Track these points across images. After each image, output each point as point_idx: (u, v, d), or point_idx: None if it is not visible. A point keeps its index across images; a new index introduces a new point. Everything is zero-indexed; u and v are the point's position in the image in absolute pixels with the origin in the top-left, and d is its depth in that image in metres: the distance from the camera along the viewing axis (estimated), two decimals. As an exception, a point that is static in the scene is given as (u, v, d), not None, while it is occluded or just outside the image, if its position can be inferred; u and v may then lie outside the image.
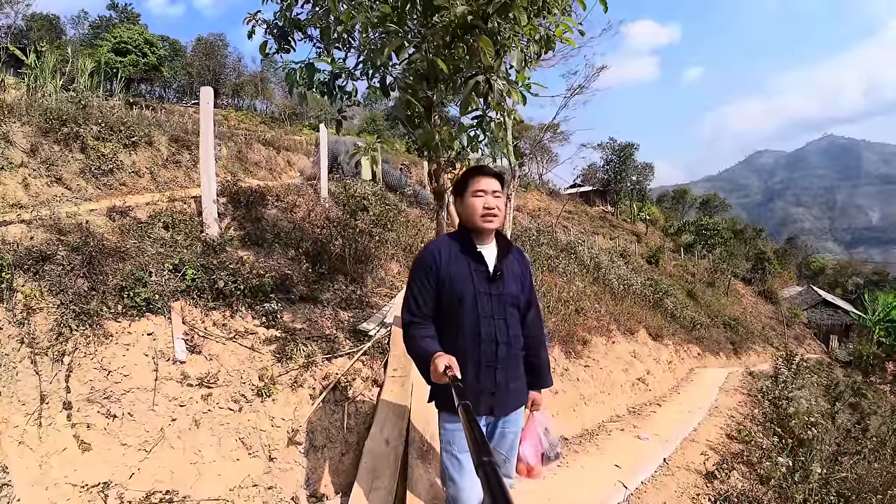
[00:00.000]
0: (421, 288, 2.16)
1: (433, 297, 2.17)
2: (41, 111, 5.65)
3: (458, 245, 2.21)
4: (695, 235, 38.22)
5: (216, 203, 4.83)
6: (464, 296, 2.14)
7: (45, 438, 2.68)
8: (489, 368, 2.16)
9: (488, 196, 2.16)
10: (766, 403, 7.65)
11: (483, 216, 2.16)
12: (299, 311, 4.31)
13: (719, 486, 4.50)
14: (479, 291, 2.16)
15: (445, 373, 1.79)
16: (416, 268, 2.21)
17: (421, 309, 2.16)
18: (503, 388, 2.20)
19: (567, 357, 6.36)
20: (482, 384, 2.16)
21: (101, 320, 3.17)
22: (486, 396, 2.17)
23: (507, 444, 2.32)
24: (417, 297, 2.16)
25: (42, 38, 28.84)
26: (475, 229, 2.21)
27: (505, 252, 2.27)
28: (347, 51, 3.57)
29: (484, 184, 2.17)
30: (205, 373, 3.25)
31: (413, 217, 9.01)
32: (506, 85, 2.68)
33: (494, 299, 2.17)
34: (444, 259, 2.16)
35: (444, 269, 2.15)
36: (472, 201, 2.17)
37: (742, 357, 17.05)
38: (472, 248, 2.20)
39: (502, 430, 2.29)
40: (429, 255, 2.19)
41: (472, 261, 2.18)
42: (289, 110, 41.19)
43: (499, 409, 2.22)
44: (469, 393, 2.00)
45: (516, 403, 2.30)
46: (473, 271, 2.17)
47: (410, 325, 2.15)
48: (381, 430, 3.28)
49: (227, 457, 3.04)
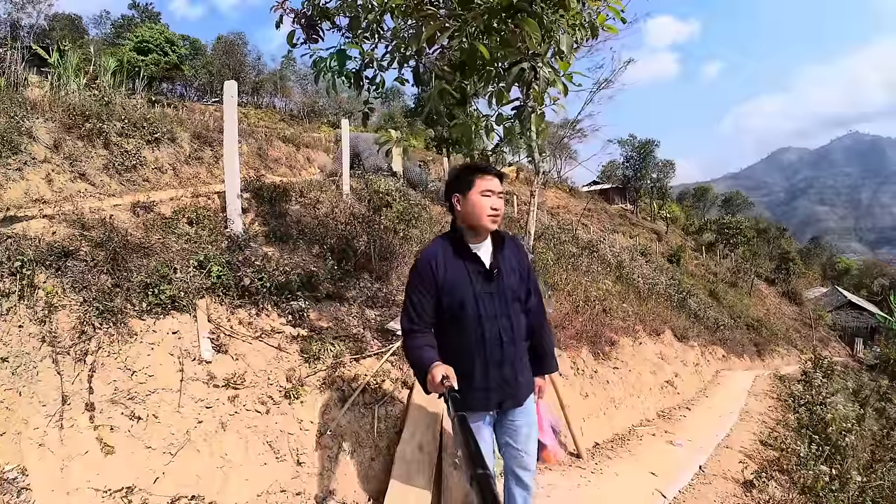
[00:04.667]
0: (420, 297, 2.16)
1: (433, 305, 2.17)
2: (64, 107, 5.61)
3: (451, 248, 2.20)
4: (716, 234, 37.65)
5: (240, 198, 4.74)
6: (465, 300, 2.15)
7: (66, 441, 2.59)
8: (496, 366, 2.18)
9: (494, 197, 2.16)
10: (800, 409, 7.42)
11: (490, 216, 2.15)
12: (325, 309, 4.20)
13: (758, 495, 4.34)
14: (480, 293, 2.16)
15: (442, 383, 1.82)
16: (414, 277, 2.20)
17: (422, 318, 2.16)
18: (512, 382, 2.22)
19: (595, 358, 6.19)
20: (490, 381, 2.18)
21: (125, 318, 3.07)
22: (496, 392, 2.20)
23: (521, 437, 2.32)
24: (417, 306, 2.16)
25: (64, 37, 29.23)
26: (473, 228, 2.20)
27: (500, 247, 2.26)
28: (378, 41, 3.43)
29: (492, 184, 2.17)
30: (231, 373, 3.14)
31: (436, 213, 8.88)
32: (552, 73, 2.53)
33: (496, 298, 2.18)
34: (441, 266, 2.16)
35: (441, 276, 2.15)
36: (481, 201, 2.15)
37: (766, 359, 16.70)
38: (466, 250, 2.20)
39: (515, 423, 2.31)
40: (425, 263, 2.17)
41: (468, 262, 2.18)
42: (307, 108, 41.30)
43: (509, 402, 2.25)
44: (477, 391, 2.14)
45: (526, 394, 2.32)
46: (471, 274, 2.17)
47: (409, 334, 2.16)
48: (413, 435, 3.15)
49: (255, 461, 2.93)
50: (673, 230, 40.57)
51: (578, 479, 3.99)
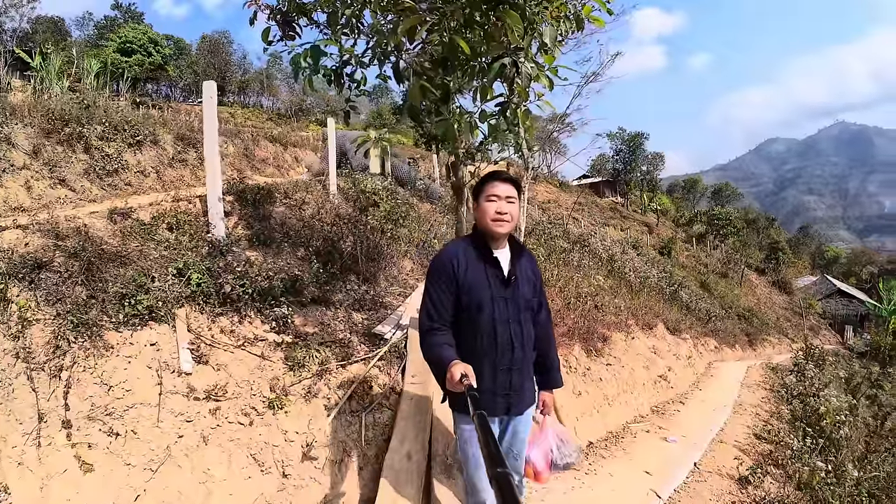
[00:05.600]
0: (440, 294, 2.18)
1: (452, 303, 2.19)
2: (43, 112, 5.47)
3: (473, 250, 2.24)
4: (706, 226, 37.86)
5: (222, 201, 4.62)
6: (482, 301, 2.18)
7: (44, 459, 2.53)
8: (505, 371, 2.22)
9: (501, 201, 2.20)
10: (793, 401, 7.41)
11: (494, 220, 2.19)
12: (311, 314, 4.10)
13: (754, 492, 4.30)
14: (496, 296, 2.20)
15: (461, 381, 1.82)
16: (435, 274, 2.23)
17: (441, 315, 2.17)
18: (517, 388, 2.27)
19: (588, 355, 6.13)
20: (498, 385, 2.22)
21: (101, 331, 2.97)
22: (502, 397, 2.24)
23: (519, 442, 2.38)
24: (437, 303, 2.18)
25: (47, 40, 28.80)
26: (486, 232, 2.25)
27: (518, 256, 2.32)
28: (357, 37, 3.32)
29: (498, 189, 2.21)
30: (212, 385, 3.04)
31: (424, 212, 8.78)
32: (534, 68, 2.45)
33: (510, 303, 2.22)
34: (462, 265, 2.19)
35: (462, 275, 2.18)
36: (485, 205, 2.21)
37: (757, 349, 16.78)
38: (488, 254, 2.24)
39: (515, 430, 2.35)
40: (447, 261, 2.21)
41: (488, 266, 2.22)
42: (295, 106, 41.00)
43: (514, 408, 2.29)
44: (485, 393, 2.11)
45: (529, 402, 2.37)
46: (490, 277, 2.21)
47: (429, 332, 2.16)
48: (401, 443, 3.07)
49: (239, 475, 2.85)
50: (663, 222, 40.71)
51: (572, 482, 3.93)
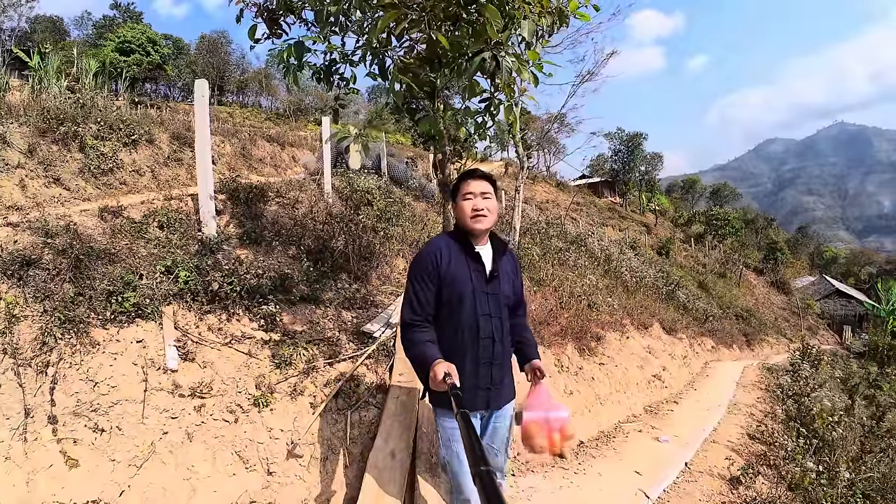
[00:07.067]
0: (422, 287, 2.20)
1: (434, 296, 2.21)
2: (39, 111, 5.48)
3: (456, 245, 2.28)
4: (705, 226, 37.87)
5: (213, 200, 4.63)
6: (463, 295, 2.20)
7: (30, 454, 2.56)
8: (486, 365, 2.25)
9: (477, 198, 2.24)
10: (787, 401, 7.40)
11: (472, 217, 2.24)
12: (300, 312, 4.11)
13: (744, 492, 4.29)
14: (478, 291, 2.23)
15: (445, 380, 1.82)
16: (417, 268, 2.25)
17: (424, 308, 2.19)
18: (497, 383, 2.29)
19: (581, 355, 6.14)
20: (479, 380, 2.24)
21: (88, 328, 2.98)
22: (483, 392, 2.26)
23: (499, 438, 2.39)
24: (420, 296, 2.20)
25: (46, 39, 28.84)
26: (467, 230, 2.28)
27: (500, 253, 2.36)
28: (345, 35, 3.32)
29: (472, 186, 2.26)
30: (198, 382, 3.05)
31: (419, 211, 8.79)
32: (515, 62, 2.45)
33: (491, 298, 2.26)
34: (445, 260, 2.22)
35: (444, 269, 2.20)
36: (462, 204, 2.25)
37: (755, 349, 16.78)
38: (470, 249, 2.27)
39: (494, 425, 2.37)
40: (430, 255, 2.23)
41: (471, 261, 2.26)
42: (294, 106, 40.99)
43: (493, 403, 2.31)
44: (466, 389, 2.12)
45: (508, 397, 2.39)
46: (473, 272, 2.24)
47: (411, 327, 2.18)
48: (386, 442, 3.07)
49: (223, 472, 2.85)
50: (662, 222, 40.73)
51: (561, 481, 3.93)
